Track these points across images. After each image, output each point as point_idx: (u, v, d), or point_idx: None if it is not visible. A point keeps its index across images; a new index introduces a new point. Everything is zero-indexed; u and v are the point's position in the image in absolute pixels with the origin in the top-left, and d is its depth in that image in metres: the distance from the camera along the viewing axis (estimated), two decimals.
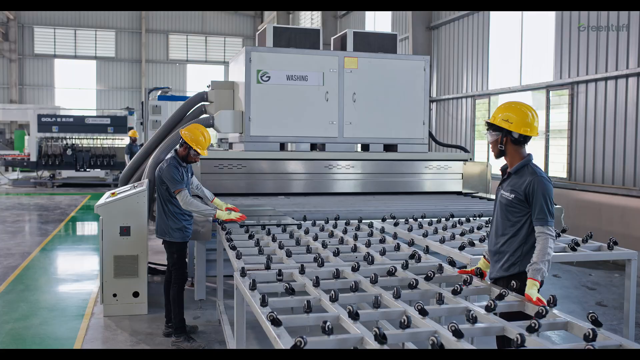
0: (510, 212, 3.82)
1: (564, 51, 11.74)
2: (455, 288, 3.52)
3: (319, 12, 24.93)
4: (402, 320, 2.86)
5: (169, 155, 6.11)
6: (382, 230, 5.75)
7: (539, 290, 3.49)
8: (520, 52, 13.42)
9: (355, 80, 8.68)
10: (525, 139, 3.80)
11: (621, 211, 9.97)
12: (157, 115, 13.63)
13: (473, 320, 2.99)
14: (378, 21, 20.43)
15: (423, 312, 3.08)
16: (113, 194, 7.13)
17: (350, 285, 3.59)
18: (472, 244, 4.99)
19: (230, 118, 8.44)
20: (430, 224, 6.17)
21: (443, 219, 6.50)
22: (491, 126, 3.86)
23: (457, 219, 6.46)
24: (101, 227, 6.73)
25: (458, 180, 9.17)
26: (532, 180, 3.72)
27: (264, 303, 3.23)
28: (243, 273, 3.91)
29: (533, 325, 2.83)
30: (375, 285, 3.71)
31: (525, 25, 13.28)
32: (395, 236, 5.48)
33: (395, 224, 6.10)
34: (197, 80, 34.10)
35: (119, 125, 22.34)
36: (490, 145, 3.95)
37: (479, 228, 5.96)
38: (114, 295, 6.75)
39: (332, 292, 3.32)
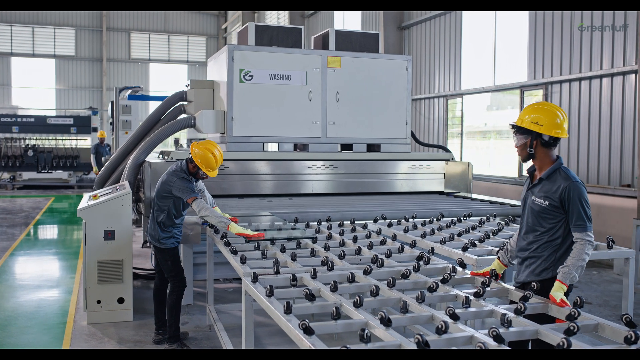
0: (544, 219, 3.71)
1: (538, 51, 11.89)
2: (478, 290, 3.46)
3: (286, 12, 24.77)
4: (440, 326, 2.78)
5: (175, 167, 5.76)
6: (379, 232, 5.67)
7: (567, 295, 3.43)
8: (493, 52, 13.54)
9: (339, 79, 8.60)
10: (555, 141, 3.69)
11: (597, 209, 10.12)
12: (127, 115, 13.29)
13: (508, 324, 2.93)
14: (347, 21, 20.38)
15: (454, 317, 3.01)
16: (95, 196, 6.88)
17: (371, 290, 3.49)
18: (473, 244, 4.97)
19: (212, 118, 8.26)
20: (423, 224, 6.13)
21: (435, 220, 6.47)
22: (519, 129, 3.73)
23: (450, 219, 6.43)
24: (84, 231, 6.48)
25: (440, 180, 9.16)
26: (567, 186, 3.61)
27: (288, 310, 3.10)
28: (254, 278, 3.78)
29: (572, 328, 2.78)
30: (393, 289, 3.62)
31: (499, 25, 13.41)
32: (394, 237, 5.41)
33: (389, 225, 6.04)
34: (160, 79, 33.51)
35: (82, 125, 21.78)
36: (517, 149, 3.79)
37: (473, 228, 5.94)
38: (98, 301, 6.50)
39: (357, 297, 3.21)
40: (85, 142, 22.59)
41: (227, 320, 6.16)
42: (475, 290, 3.50)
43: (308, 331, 2.76)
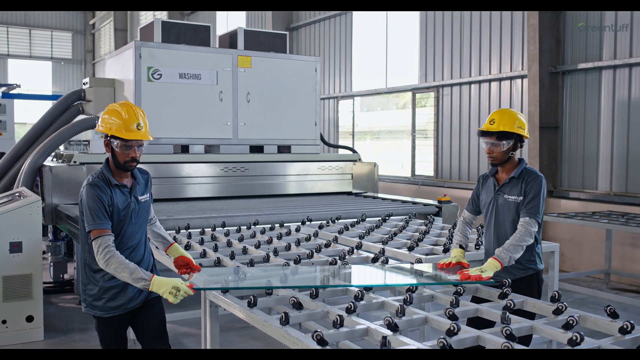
0: (519, 214, 3.95)
1: (429, 55, 12.37)
2: (459, 290, 3.51)
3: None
4: (452, 328, 2.76)
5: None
6: (316, 235, 5.60)
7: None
8: (385, 55, 13.87)
9: (249, 79, 8.42)
10: None
11: None
12: (2, 114, 12.18)
13: (508, 321, 2.99)
14: (231, 21, 20.03)
15: (454, 317, 3.02)
16: None
17: (355, 295, 3.41)
18: (416, 244, 5.05)
19: None
20: (353, 225, 6.13)
21: (361, 220, 6.48)
22: (504, 135, 3.88)
23: (376, 219, 6.49)
24: None
25: (349, 180, 9.25)
26: (532, 178, 3.93)
27: (285, 321, 2.95)
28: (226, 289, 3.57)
29: (571, 321, 2.87)
30: (371, 292, 3.58)
31: (390, 28, 13.75)
32: (336, 240, 5.36)
33: (320, 227, 6.01)
34: (22, 77, 30.99)
35: None
36: (497, 154, 3.95)
37: (404, 228, 6.04)
38: (4, 321, 5.86)
39: (350, 303, 3.13)
40: None
41: None
42: (457, 289, 3.56)
43: (322, 342, 2.64)
